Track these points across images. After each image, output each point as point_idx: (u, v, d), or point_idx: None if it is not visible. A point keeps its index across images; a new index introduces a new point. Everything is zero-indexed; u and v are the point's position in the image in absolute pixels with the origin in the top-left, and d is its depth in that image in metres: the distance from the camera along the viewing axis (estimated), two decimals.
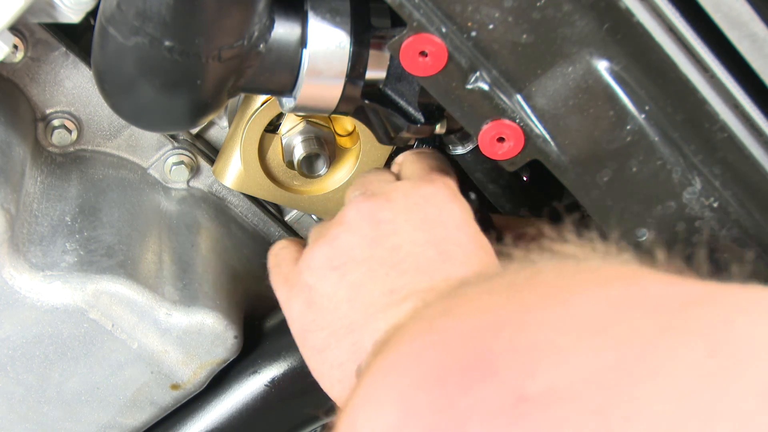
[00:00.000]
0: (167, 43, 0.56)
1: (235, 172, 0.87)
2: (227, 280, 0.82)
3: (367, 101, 0.66)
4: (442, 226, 0.62)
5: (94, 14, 0.63)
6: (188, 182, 0.90)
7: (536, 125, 0.58)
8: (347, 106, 0.67)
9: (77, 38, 0.82)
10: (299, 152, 0.85)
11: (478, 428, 0.31)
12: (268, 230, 0.96)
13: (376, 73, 0.65)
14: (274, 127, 0.88)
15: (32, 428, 0.76)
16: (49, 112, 0.82)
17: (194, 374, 0.75)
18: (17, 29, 0.77)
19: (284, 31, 0.62)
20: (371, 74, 0.65)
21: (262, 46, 0.61)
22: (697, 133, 0.58)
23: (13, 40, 0.68)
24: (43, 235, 0.73)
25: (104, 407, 0.76)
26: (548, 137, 0.58)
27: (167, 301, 0.73)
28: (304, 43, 0.62)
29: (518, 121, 0.58)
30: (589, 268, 0.41)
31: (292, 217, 0.98)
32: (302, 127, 0.86)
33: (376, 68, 0.65)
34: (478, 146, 0.61)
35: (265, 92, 0.79)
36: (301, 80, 0.64)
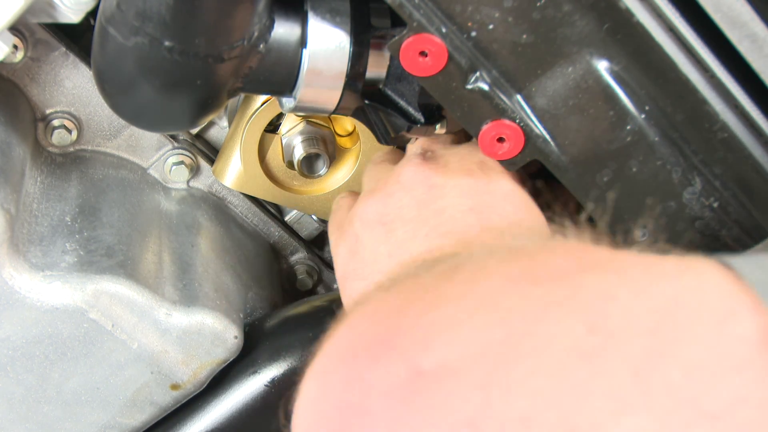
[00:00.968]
0: (167, 43, 0.56)
1: (235, 172, 0.87)
2: (227, 280, 0.82)
3: (367, 101, 0.66)
4: (489, 194, 0.63)
5: (94, 14, 0.63)
6: (188, 182, 0.90)
7: (536, 125, 0.58)
8: (347, 106, 0.67)
9: (77, 38, 0.82)
10: (299, 152, 0.85)
11: (378, 402, 0.33)
12: (268, 230, 0.96)
13: (376, 73, 0.65)
14: (274, 127, 0.88)
15: (32, 428, 0.76)
16: (49, 112, 0.82)
17: (194, 374, 0.75)
18: (17, 29, 0.77)
19: (284, 31, 0.62)
20: (371, 74, 0.65)
21: (262, 46, 0.61)
22: (697, 133, 0.58)
23: (13, 40, 0.68)
24: (43, 235, 0.73)
25: (104, 407, 0.76)
26: (548, 137, 0.58)
27: (167, 301, 0.73)
28: (304, 43, 0.62)
29: (518, 121, 0.58)
30: (525, 249, 0.43)
31: (292, 217, 0.98)
32: (302, 127, 0.86)
33: (376, 68, 0.65)
34: None
35: (265, 92, 0.79)
36: (301, 80, 0.64)
